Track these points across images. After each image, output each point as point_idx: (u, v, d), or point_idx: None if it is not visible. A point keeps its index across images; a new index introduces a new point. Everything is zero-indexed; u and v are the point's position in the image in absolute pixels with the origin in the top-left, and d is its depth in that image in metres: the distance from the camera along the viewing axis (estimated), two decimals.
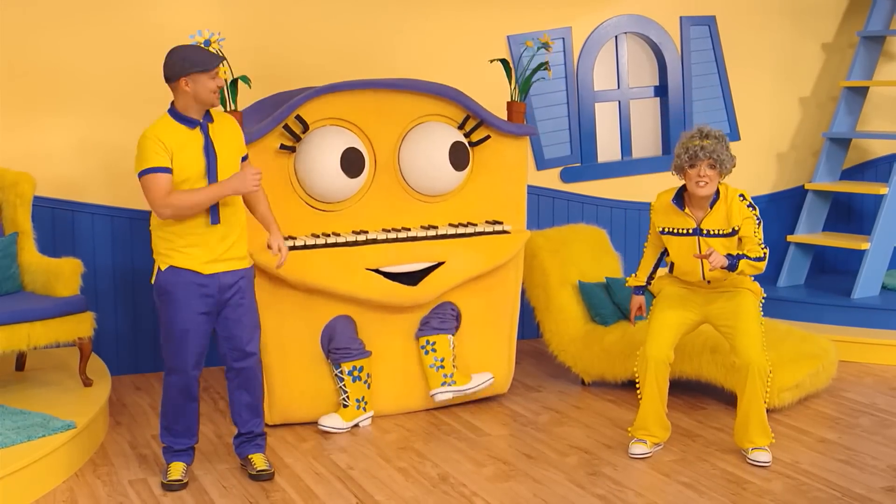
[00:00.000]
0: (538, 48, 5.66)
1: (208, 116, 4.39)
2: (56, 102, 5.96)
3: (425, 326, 5.43)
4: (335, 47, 6.45)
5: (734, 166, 4.70)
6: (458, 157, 5.35)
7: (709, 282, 4.78)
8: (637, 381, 4.88)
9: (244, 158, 4.52)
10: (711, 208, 4.70)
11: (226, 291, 4.42)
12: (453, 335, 5.48)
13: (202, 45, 4.72)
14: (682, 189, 4.76)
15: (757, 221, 4.69)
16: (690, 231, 4.73)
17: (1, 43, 5.82)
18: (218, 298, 4.41)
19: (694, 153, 4.62)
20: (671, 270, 4.91)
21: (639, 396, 4.86)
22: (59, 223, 6.01)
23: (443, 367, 5.44)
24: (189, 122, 4.32)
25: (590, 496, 4.42)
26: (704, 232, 4.71)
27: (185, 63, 4.27)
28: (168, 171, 4.26)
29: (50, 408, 4.90)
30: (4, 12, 5.80)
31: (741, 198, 4.68)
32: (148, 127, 4.35)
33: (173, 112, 4.34)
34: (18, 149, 5.86)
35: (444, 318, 5.45)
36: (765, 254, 4.64)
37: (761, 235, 4.69)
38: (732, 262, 4.57)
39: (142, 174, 4.27)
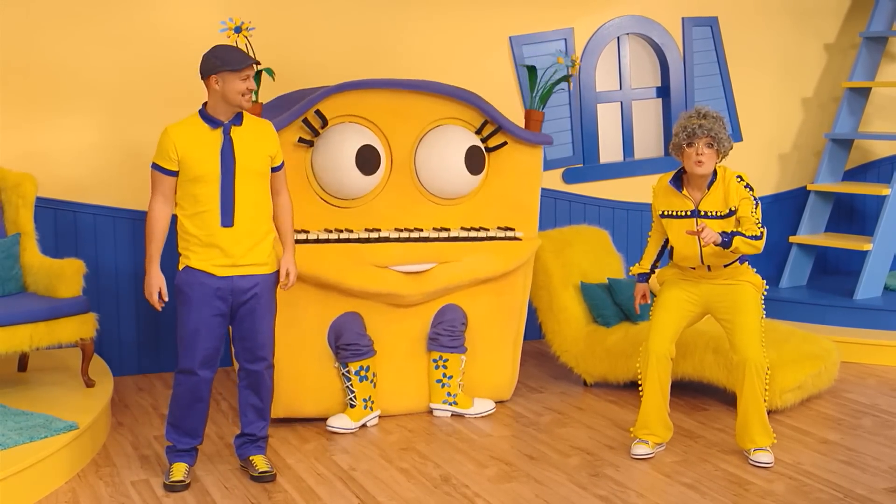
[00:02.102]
0: (567, 66, 5.68)
1: (237, 119, 4.38)
2: (58, 103, 5.96)
3: (435, 341, 5.43)
4: (335, 47, 6.45)
5: (731, 147, 4.70)
6: (475, 161, 5.36)
7: (709, 268, 4.76)
8: (639, 378, 4.88)
9: (277, 168, 4.49)
10: (709, 189, 4.69)
11: (240, 295, 4.41)
12: (464, 354, 5.48)
13: (232, 31, 4.88)
14: (681, 171, 4.77)
15: (755, 202, 4.66)
16: (688, 213, 4.72)
17: (2, 42, 5.82)
18: (232, 301, 4.41)
19: (692, 131, 4.61)
20: (671, 257, 4.90)
21: (640, 393, 4.86)
22: (62, 224, 6.01)
23: (448, 385, 5.45)
24: (212, 123, 4.35)
25: (592, 497, 4.41)
26: (702, 213, 4.69)
27: (216, 61, 4.29)
28: (170, 173, 4.34)
29: (52, 409, 4.90)
30: (6, 11, 5.81)
31: (739, 179, 4.66)
32: (172, 123, 4.40)
33: (202, 111, 4.38)
34: (20, 149, 5.86)
35: (453, 335, 5.44)
36: (762, 233, 4.60)
37: (759, 216, 4.65)
38: (726, 239, 4.54)
39: (151, 166, 4.42)
